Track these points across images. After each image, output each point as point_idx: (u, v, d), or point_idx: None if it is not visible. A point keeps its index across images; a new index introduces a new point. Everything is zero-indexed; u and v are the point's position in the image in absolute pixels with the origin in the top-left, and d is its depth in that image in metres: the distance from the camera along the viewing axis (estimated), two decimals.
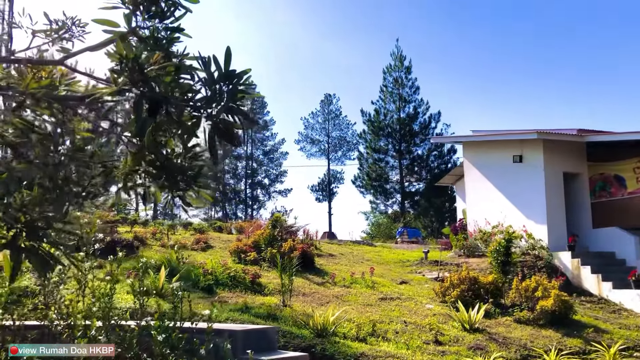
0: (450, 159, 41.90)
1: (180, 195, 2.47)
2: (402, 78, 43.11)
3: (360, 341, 7.92)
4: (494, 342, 8.66)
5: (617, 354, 8.35)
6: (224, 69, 2.24)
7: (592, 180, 16.17)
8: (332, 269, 13.95)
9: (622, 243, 14.90)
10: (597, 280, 13.73)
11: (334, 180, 59.21)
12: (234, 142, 2.24)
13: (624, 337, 9.81)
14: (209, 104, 2.16)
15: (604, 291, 13.51)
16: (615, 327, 10.84)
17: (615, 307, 12.84)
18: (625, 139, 15.10)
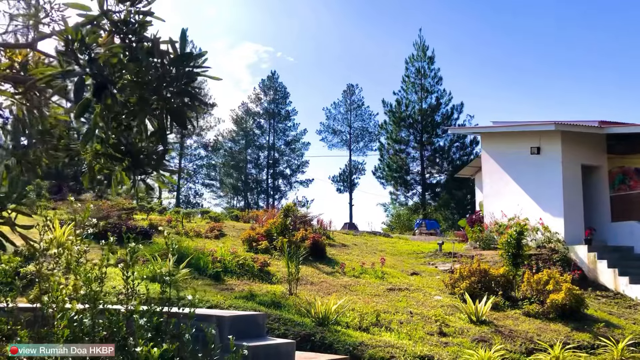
0: (472, 150, 41.48)
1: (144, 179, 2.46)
2: (424, 68, 42.68)
3: (362, 331, 7.90)
4: (500, 334, 8.56)
5: (625, 349, 8.18)
6: (180, 52, 2.22)
7: (612, 174, 15.84)
8: (343, 259, 13.94)
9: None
10: (614, 274, 13.48)
11: (355, 171, 59.09)
12: (186, 125, 2.23)
13: (636, 333, 9.62)
14: (160, 86, 2.15)
15: (621, 286, 13.26)
16: (628, 322, 10.64)
17: (632, 303, 12.59)
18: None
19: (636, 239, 14.77)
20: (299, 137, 61.19)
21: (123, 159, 2.53)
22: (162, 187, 3.72)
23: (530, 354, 7.95)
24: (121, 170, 2.56)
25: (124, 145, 2.55)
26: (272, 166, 60.45)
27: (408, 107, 42.57)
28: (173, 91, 2.21)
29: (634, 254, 14.69)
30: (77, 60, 1.97)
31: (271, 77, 61.31)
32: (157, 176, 2.68)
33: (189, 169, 56.94)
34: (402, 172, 43.49)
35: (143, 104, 2.11)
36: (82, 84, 1.96)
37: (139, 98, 2.09)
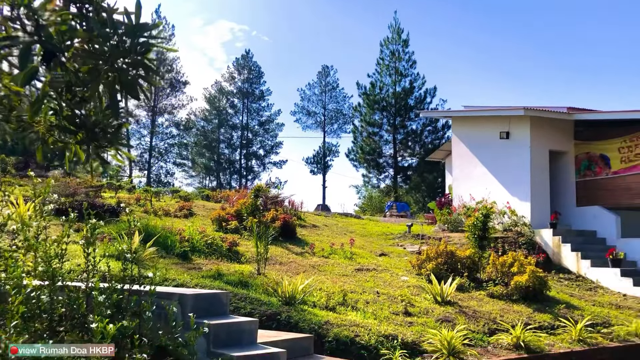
0: (444, 134, 41.80)
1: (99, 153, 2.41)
2: (399, 51, 42.66)
3: (329, 310, 7.96)
4: (464, 315, 8.71)
5: (583, 329, 8.42)
6: (135, 22, 2.16)
7: (578, 159, 16.16)
8: (313, 239, 13.99)
9: (603, 222, 14.99)
10: (577, 258, 13.83)
11: (329, 153, 59.09)
12: (139, 97, 2.18)
13: (594, 314, 9.91)
14: (113, 56, 2.09)
15: (583, 269, 13.62)
16: (588, 304, 10.94)
17: (592, 285, 12.96)
18: (611, 118, 15.06)
19: (599, 224, 15.15)
20: (273, 117, 60.83)
21: (77, 132, 2.47)
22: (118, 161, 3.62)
23: (493, 334, 8.11)
24: (75, 144, 2.49)
25: (78, 118, 2.48)
26: (245, 146, 60.05)
27: (382, 90, 42.60)
28: (127, 62, 2.15)
29: (596, 238, 15.07)
30: (23, 26, 1.91)
31: (245, 56, 60.63)
32: (115, 151, 2.62)
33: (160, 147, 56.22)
34: (375, 154, 43.64)
35: (95, 74, 2.05)
36: (27, 51, 1.89)
37: (91, 68, 2.03)
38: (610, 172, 15.15)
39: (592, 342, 8.29)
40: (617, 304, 11.24)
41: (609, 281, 12.87)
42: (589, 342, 8.23)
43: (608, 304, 11.21)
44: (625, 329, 9.07)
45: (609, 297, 11.86)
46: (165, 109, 54.92)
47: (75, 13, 2.12)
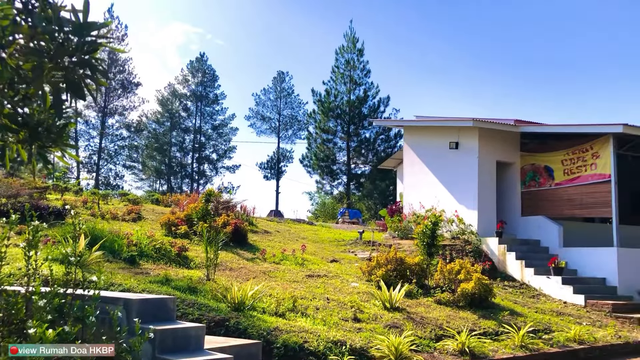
0: (396, 143, 42.42)
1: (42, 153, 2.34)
2: (354, 60, 43.13)
3: (278, 316, 7.93)
4: (411, 321, 8.84)
5: (526, 335, 8.68)
6: (82, 20, 2.12)
7: (524, 170, 16.69)
8: (264, 245, 13.93)
9: (547, 231, 15.50)
10: (521, 266, 14.24)
11: (283, 158, 59.11)
12: (84, 97, 2.14)
13: (537, 321, 10.22)
14: (58, 54, 2.04)
15: (526, 277, 14.04)
16: (531, 310, 11.28)
17: (535, 292, 13.37)
18: (555, 131, 15.65)
19: (543, 233, 15.67)
20: (226, 121, 60.41)
21: (19, 131, 2.39)
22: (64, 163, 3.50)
23: (439, 340, 8.26)
24: (17, 143, 2.41)
25: (21, 117, 2.41)
26: (197, 150, 59.35)
27: (337, 98, 42.93)
28: (73, 61, 2.10)
29: (540, 247, 15.58)
30: None
31: (200, 59, 60.05)
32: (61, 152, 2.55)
33: (110, 149, 54.88)
34: (329, 161, 43.89)
35: (39, 72, 2.00)
36: None
37: (35, 65, 1.98)
38: (553, 183, 15.71)
39: (533, 347, 8.53)
40: (558, 311, 11.63)
41: (551, 289, 13.32)
42: (531, 348, 8.47)
43: (549, 310, 11.58)
44: (565, 335, 9.39)
45: (550, 304, 12.27)
46: (116, 110, 53.74)
47: (19, 8, 2.06)
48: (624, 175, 15.65)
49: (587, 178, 14.75)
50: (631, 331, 10.72)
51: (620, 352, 9.51)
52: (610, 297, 12.84)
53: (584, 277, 13.87)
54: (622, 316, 11.67)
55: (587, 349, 9.10)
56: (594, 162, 14.54)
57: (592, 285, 13.49)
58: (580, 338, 9.35)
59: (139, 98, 55.45)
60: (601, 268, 13.80)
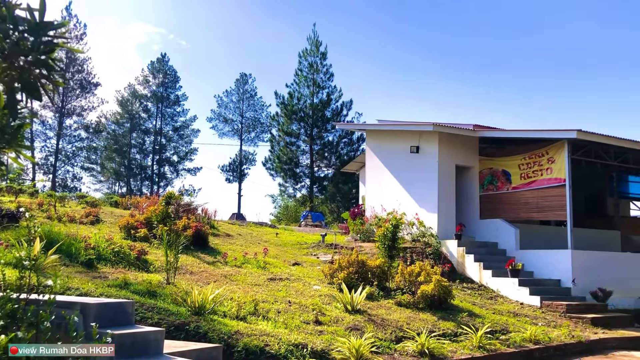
0: (359, 146, 42.68)
1: None
2: (317, 63, 43.26)
3: (239, 320, 7.88)
4: (372, 323, 8.92)
5: (483, 336, 8.85)
6: (38, 19, 2.08)
7: (482, 174, 17.04)
8: (226, 248, 13.83)
9: (504, 234, 15.86)
10: (479, 268, 14.52)
11: (245, 161, 58.83)
12: (40, 98, 2.10)
13: (494, 322, 10.44)
14: (12, 53, 2.00)
15: (484, 278, 14.32)
16: (489, 312, 11.51)
17: (493, 294, 13.65)
18: (512, 136, 16.04)
19: (500, 236, 16.02)
20: (188, 123, 59.75)
21: None
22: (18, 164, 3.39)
23: (400, 341, 8.35)
24: None
25: None
26: (158, 152, 58.48)
27: (300, 101, 42.97)
28: (29, 61, 2.06)
29: (498, 249, 15.92)
30: None
31: (161, 59, 59.22)
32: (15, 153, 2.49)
33: (67, 150, 53.53)
34: (292, 164, 43.86)
35: None
36: None
37: None
38: (510, 187, 16.10)
39: (491, 348, 8.71)
40: (515, 312, 11.91)
41: (508, 290, 13.62)
42: (488, 349, 8.65)
43: (507, 312, 11.85)
44: (521, 336, 9.62)
45: (507, 306, 12.54)
46: (74, 110, 52.49)
47: None
48: (578, 179, 16.18)
49: (543, 182, 15.16)
50: (584, 331, 11.06)
51: (573, 352, 9.81)
52: (565, 298, 13.22)
53: (540, 279, 14.25)
54: (575, 316, 12.03)
55: (542, 349, 9.35)
56: (549, 166, 14.96)
57: (548, 287, 13.87)
58: (535, 338, 9.59)
59: (98, 98, 54.26)
60: (556, 270, 14.19)
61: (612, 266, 14.72)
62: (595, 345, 10.29)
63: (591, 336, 10.62)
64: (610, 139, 14.41)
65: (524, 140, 15.73)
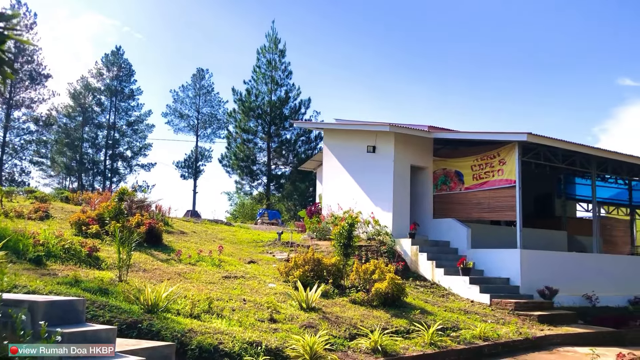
0: (317, 145, 42.75)
1: None
2: (275, 60, 43.08)
3: (193, 318, 7.83)
4: (327, 321, 9.00)
5: (435, 333, 9.05)
6: None
7: (436, 175, 17.38)
8: (180, 246, 13.67)
9: (456, 233, 16.21)
10: (432, 266, 14.81)
11: (201, 157, 58.15)
12: None
13: (445, 319, 10.68)
14: None
15: (437, 276, 14.61)
16: (440, 309, 11.76)
17: (445, 292, 13.94)
18: (465, 138, 16.42)
19: (452, 235, 16.38)
20: (142, 118, 58.57)
21: None
22: None
23: (353, 338, 8.45)
24: None
25: None
26: (111, 147, 57.13)
27: (258, 98, 42.69)
28: None
29: (450, 248, 16.27)
30: None
31: (116, 52, 57.83)
32: None
33: (15, 143, 51.69)
34: (249, 161, 43.55)
35: None
36: None
37: None
38: (463, 188, 16.48)
39: (442, 345, 8.92)
40: (466, 310, 12.21)
41: (459, 288, 13.94)
42: (440, 345, 8.85)
43: (458, 309, 12.13)
44: (471, 333, 9.88)
45: (458, 303, 12.84)
46: (23, 102, 50.71)
47: None
48: (528, 181, 16.70)
49: (494, 183, 15.58)
50: (531, 328, 11.43)
51: (520, 348, 10.13)
52: (513, 296, 13.63)
53: (490, 277, 14.64)
54: (523, 314, 12.42)
55: (491, 345, 9.63)
56: (500, 168, 15.38)
57: (497, 285, 14.26)
58: (485, 335, 9.87)
59: (49, 90, 52.47)
60: (505, 268, 14.61)
61: (559, 265, 15.28)
62: (541, 342, 10.66)
63: (538, 333, 11.00)
64: (558, 142, 14.94)
65: (477, 142, 16.13)
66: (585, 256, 17.40)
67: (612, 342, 11.50)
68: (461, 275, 14.13)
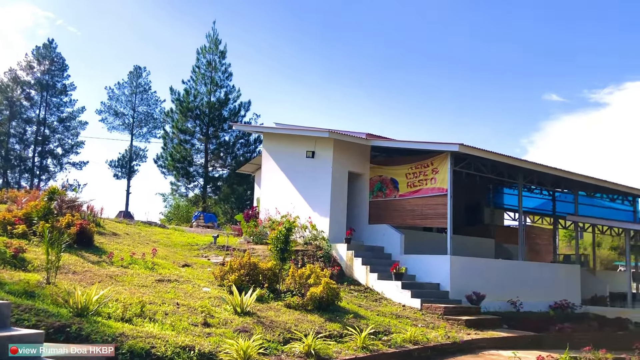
0: (256, 148, 42.58)
1: None
2: (215, 61, 42.64)
3: (125, 322, 7.67)
4: (261, 325, 9.02)
5: (367, 337, 9.24)
6: None
7: (373, 181, 17.75)
8: (112, 248, 13.33)
9: (390, 239, 16.61)
10: (366, 271, 15.09)
11: (136, 157, 56.72)
12: None
13: (378, 323, 10.92)
14: None
15: (371, 281, 14.91)
16: (373, 313, 12.01)
17: (378, 296, 14.24)
18: (401, 147, 16.89)
19: (387, 240, 16.76)
20: (75, 114, 56.49)
21: None
22: None
23: (287, 343, 8.52)
24: None
25: None
26: (40, 143, 54.75)
27: (196, 98, 42.09)
28: None
29: (384, 253, 16.63)
30: None
31: (48, 45, 55.52)
32: None
33: None
34: (185, 163, 42.79)
35: None
36: None
37: None
38: (398, 195, 16.90)
39: (374, 348, 9.12)
40: (397, 314, 12.51)
41: (392, 293, 14.27)
42: (371, 349, 9.04)
43: (390, 313, 12.42)
44: (402, 337, 10.14)
45: (391, 308, 13.15)
46: None
47: None
48: (460, 190, 17.31)
49: (427, 191, 16.07)
50: (459, 332, 11.85)
51: (448, 351, 10.48)
52: (443, 301, 14.08)
53: (421, 282, 15.06)
54: (452, 318, 12.86)
55: (421, 349, 9.91)
56: (433, 176, 15.89)
57: (428, 290, 14.69)
58: (415, 339, 10.15)
59: None
60: (436, 274, 15.08)
61: (486, 272, 15.92)
62: (468, 346, 11.06)
63: (465, 337, 11.41)
64: (487, 154, 15.61)
65: (412, 150, 16.60)
66: (511, 263, 18.21)
67: (534, 346, 12.08)
68: (394, 280, 14.48)
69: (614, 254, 43.90)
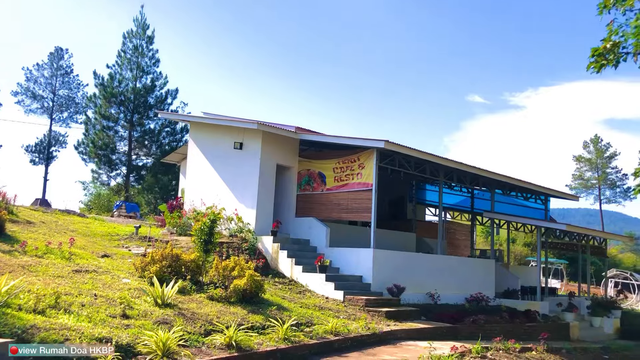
0: (183, 137, 41.65)
1: None
2: (142, 47, 41.32)
3: (37, 313, 7.35)
4: (183, 317, 8.90)
5: (289, 329, 9.33)
6: None
7: (301, 175, 17.85)
8: (26, 237, 12.70)
9: (316, 232, 16.80)
10: (292, 263, 15.20)
11: (55, 142, 54.13)
12: None
13: (301, 315, 11.05)
14: None
15: (295, 274, 15.03)
16: (297, 305, 12.13)
17: (302, 288, 14.37)
18: (328, 141, 17.09)
19: (313, 234, 16.93)
20: None
21: None
22: None
23: (209, 334, 8.45)
24: None
25: None
26: None
27: (121, 84, 40.64)
28: None
29: (310, 246, 16.79)
30: None
31: None
32: None
33: None
34: (108, 150, 41.25)
35: None
36: None
37: None
38: (325, 189, 17.09)
39: (295, 340, 9.21)
40: (321, 306, 12.69)
41: (316, 285, 14.45)
42: (293, 340, 9.13)
43: (313, 305, 12.57)
44: (324, 328, 10.31)
45: (314, 300, 13.31)
46: None
47: None
48: (385, 185, 17.73)
49: (353, 186, 16.35)
50: (379, 323, 12.17)
51: (367, 342, 10.75)
52: (365, 293, 14.41)
53: (345, 275, 15.34)
54: (373, 310, 13.18)
55: (341, 340, 10.12)
56: (360, 172, 16.18)
57: (351, 282, 14.98)
58: (336, 330, 10.35)
59: None
60: (360, 267, 15.40)
61: (407, 265, 16.42)
62: (387, 336, 11.40)
63: (384, 328, 11.74)
64: (411, 151, 16.07)
65: (340, 145, 16.82)
66: (431, 257, 18.87)
67: (449, 337, 12.62)
68: (318, 272, 14.66)
69: (527, 249, 46.30)
